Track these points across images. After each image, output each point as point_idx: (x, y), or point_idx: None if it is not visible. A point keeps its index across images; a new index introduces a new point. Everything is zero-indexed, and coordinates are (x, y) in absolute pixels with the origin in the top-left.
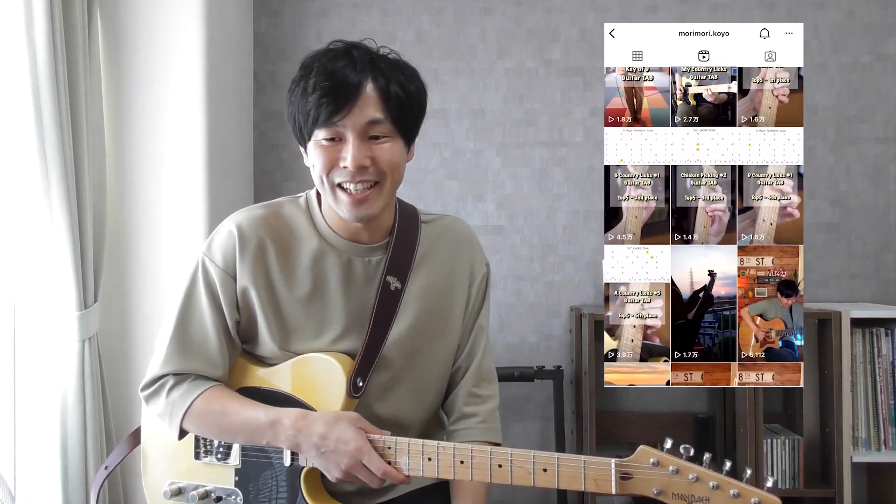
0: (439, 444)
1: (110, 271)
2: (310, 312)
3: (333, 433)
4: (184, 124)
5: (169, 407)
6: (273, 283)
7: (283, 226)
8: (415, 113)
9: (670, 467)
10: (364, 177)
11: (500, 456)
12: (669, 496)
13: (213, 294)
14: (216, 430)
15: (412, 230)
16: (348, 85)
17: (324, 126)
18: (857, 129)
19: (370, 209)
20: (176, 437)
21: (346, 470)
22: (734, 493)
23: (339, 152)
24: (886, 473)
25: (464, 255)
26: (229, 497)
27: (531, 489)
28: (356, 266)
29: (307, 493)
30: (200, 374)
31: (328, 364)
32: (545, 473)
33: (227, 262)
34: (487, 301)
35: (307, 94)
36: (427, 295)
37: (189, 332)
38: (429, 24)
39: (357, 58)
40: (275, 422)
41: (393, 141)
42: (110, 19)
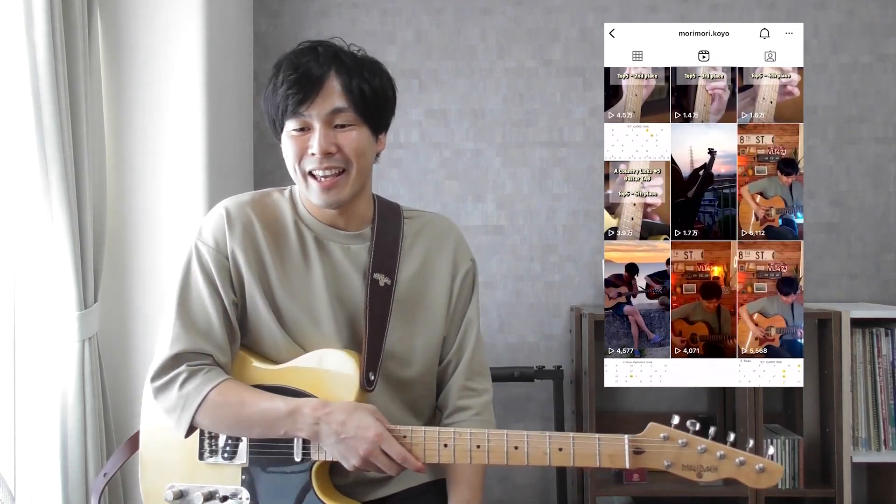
0: (455, 430)
1: (110, 271)
2: (296, 292)
3: (353, 420)
4: (184, 124)
5: (182, 400)
6: (263, 259)
7: (269, 210)
8: (380, 104)
9: (679, 440)
10: (331, 163)
11: (516, 438)
12: (679, 468)
13: (209, 276)
14: (231, 421)
15: (394, 225)
16: (312, 76)
17: (292, 116)
18: (857, 129)
19: (339, 195)
20: (184, 434)
21: (364, 456)
22: (740, 461)
23: (308, 141)
24: (886, 473)
25: (447, 250)
26: (235, 497)
27: (532, 488)
28: (334, 250)
29: (318, 488)
30: (208, 353)
31: (340, 359)
32: (561, 453)
33: (218, 241)
34: (476, 296)
35: (277, 89)
36: (410, 288)
37: (191, 314)
38: (429, 24)
39: (321, 53)
40: (294, 411)
41: (358, 129)
42: (110, 19)
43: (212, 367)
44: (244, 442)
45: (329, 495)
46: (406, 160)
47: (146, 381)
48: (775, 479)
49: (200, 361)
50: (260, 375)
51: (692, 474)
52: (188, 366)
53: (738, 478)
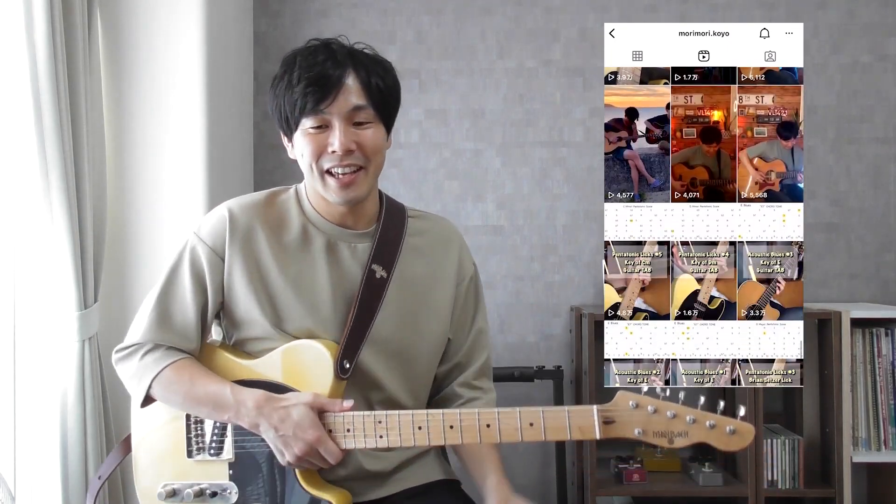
0: (428, 413)
1: (110, 271)
2: (299, 294)
3: (291, 419)
4: (184, 124)
5: (140, 370)
6: (263, 265)
7: (273, 212)
8: (393, 102)
9: (649, 407)
10: (350, 160)
11: (488, 416)
12: (650, 435)
13: (199, 273)
14: (181, 397)
15: (398, 221)
16: (332, 74)
17: (311, 114)
18: (857, 129)
19: (357, 191)
20: (140, 402)
21: (299, 455)
22: (710, 424)
23: (327, 139)
24: (886, 473)
25: (452, 253)
26: (224, 492)
27: (532, 488)
28: (341, 250)
29: (302, 479)
30: (174, 346)
31: (316, 350)
32: (532, 428)
33: (217, 243)
34: (482, 302)
35: (292, 86)
36: (413, 285)
37: (169, 307)
38: (429, 24)
39: (337, 50)
40: (239, 401)
41: (375, 127)
42: (110, 19)
43: (172, 347)
44: (229, 437)
45: (314, 485)
46: (406, 160)
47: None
48: (746, 441)
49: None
50: (240, 371)
51: (664, 441)
52: (152, 342)
53: (710, 441)
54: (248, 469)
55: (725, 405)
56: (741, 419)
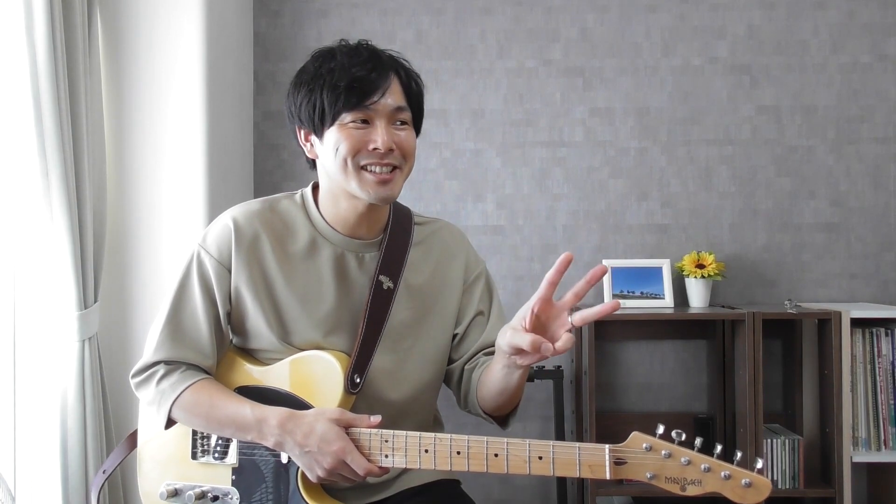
0: (436, 436)
1: (110, 271)
2: (305, 305)
3: (316, 434)
4: (184, 124)
5: (158, 395)
6: (269, 276)
7: (278, 220)
8: (422, 107)
9: (663, 451)
10: (389, 160)
11: (496, 445)
12: (662, 480)
13: (207, 285)
14: (204, 421)
15: (405, 230)
16: (378, 73)
17: (355, 109)
18: (857, 129)
19: (392, 190)
20: (163, 426)
21: (328, 469)
22: (725, 474)
23: (368, 135)
24: (886, 473)
25: (458, 259)
26: (226, 497)
27: (532, 488)
28: (349, 261)
29: (304, 489)
30: (191, 362)
31: (326, 362)
32: (541, 461)
33: (223, 254)
34: (496, 298)
35: (335, 80)
36: (420, 294)
37: (181, 322)
38: (429, 24)
39: (380, 52)
40: (261, 420)
41: (410, 129)
42: (110, 19)
43: (189, 367)
44: (234, 443)
45: (315, 497)
46: None
47: (130, 376)
48: (763, 495)
49: (180, 361)
50: (248, 376)
51: (675, 487)
52: (165, 364)
53: (724, 493)
54: (250, 476)
55: (742, 456)
56: (758, 472)
